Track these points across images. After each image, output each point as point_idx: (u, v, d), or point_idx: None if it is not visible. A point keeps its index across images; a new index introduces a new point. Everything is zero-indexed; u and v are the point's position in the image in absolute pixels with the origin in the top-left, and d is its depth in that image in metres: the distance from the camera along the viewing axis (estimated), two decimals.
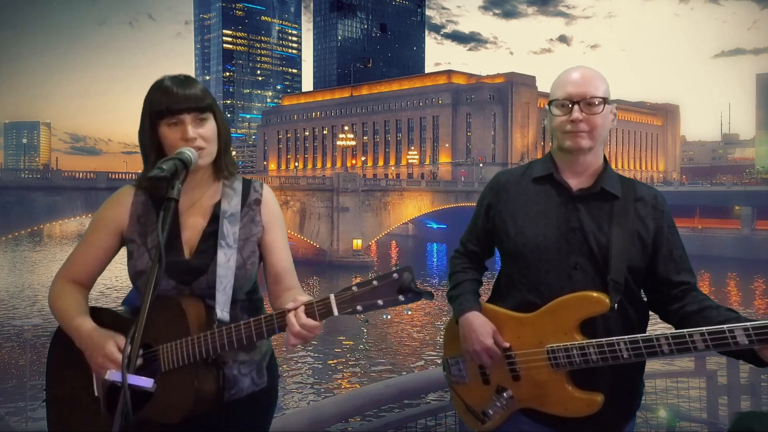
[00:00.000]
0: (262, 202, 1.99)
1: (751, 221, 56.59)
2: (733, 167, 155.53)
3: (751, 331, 1.73)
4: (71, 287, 1.95)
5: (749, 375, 3.84)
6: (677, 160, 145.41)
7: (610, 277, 1.96)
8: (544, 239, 2.03)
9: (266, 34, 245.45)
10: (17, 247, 71.20)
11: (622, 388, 2.03)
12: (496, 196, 2.18)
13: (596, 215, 2.03)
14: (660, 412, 3.30)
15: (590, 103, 2.00)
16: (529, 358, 2.03)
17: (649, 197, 2.08)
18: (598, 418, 1.96)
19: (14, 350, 25.82)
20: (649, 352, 1.85)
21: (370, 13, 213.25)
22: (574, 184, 2.07)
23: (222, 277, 1.85)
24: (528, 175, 2.15)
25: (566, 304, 1.98)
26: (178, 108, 1.82)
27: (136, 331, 1.62)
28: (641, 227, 2.03)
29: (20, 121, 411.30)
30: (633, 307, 2.03)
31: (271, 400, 2.06)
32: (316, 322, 1.66)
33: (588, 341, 1.93)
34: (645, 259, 2.03)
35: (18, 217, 40.73)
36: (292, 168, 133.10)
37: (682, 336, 1.80)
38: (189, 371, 1.78)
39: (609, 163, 2.14)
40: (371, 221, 57.39)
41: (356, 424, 3.13)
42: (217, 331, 1.77)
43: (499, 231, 2.14)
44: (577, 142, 2.02)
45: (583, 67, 2.07)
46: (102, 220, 1.97)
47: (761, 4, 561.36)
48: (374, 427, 2.98)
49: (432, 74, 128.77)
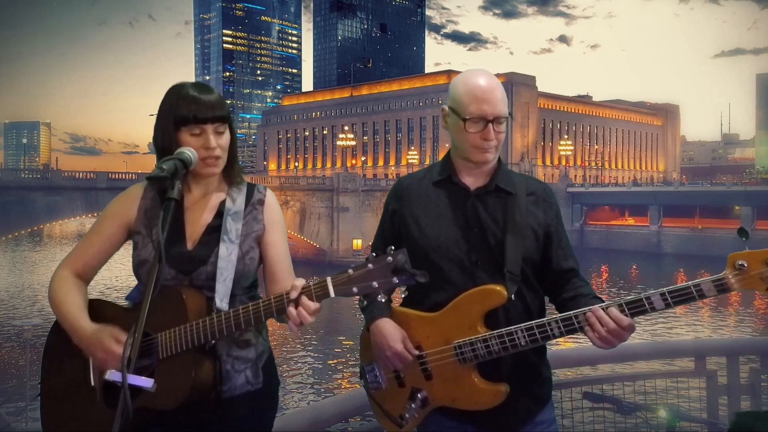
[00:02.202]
0: (265, 203, 2.07)
1: (751, 221, 56.53)
2: (733, 167, 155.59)
3: (581, 317, 1.94)
4: (74, 281, 1.99)
5: (749, 375, 3.85)
6: (677, 160, 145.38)
7: (506, 269, 2.07)
8: (445, 239, 2.13)
9: (266, 34, 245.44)
10: (17, 247, 71.21)
11: (526, 374, 2.12)
12: (399, 201, 2.27)
13: (492, 212, 2.15)
14: (660, 412, 3.29)
15: (501, 122, 2.12)
16: (438, 356, 2.09)
17: (539, 191, 2.21)
18: (509, 407, 2.05)
19: (14, 350, 25.82)
20: (543, 335, 1.98)
21: (370, 13, 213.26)
22: (471, 184, 2.18)
23: (223, 269, 1.92)
24: (428, 178, 2.25)
25: (468, 299, 2.06)
26: (203, 118, 1.90)
27: (137, 330, 1.62)
28: (533, 220, 2.15)
29: (20, 121, 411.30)
30: (531, 296, 2.14)
31: (268, 404, 2.06)
32: (314, 303, 1.72)
33: (490, 333, 2.02)
34: (539, 249, 2.15)
35: (18, 217, 40.76)
36: (292, 168, 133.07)
37: (569, 318, 1.95)
38: (186, 358, 1.82)
39: (502, 161, 2.25)
40: (371, 221, 57.36)
41: (356, 424, 3.13)
42: (216, 317, 1.82)
43: (404, 234, 2.21)
44: (487, 158, 2.14)
45: (488, 77, 2.15)
46: (112, 212, 2.04)
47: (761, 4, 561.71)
48: (374, 427, 2.97)
49: (432, 74, 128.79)
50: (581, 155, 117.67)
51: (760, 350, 3.97)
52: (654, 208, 61.35)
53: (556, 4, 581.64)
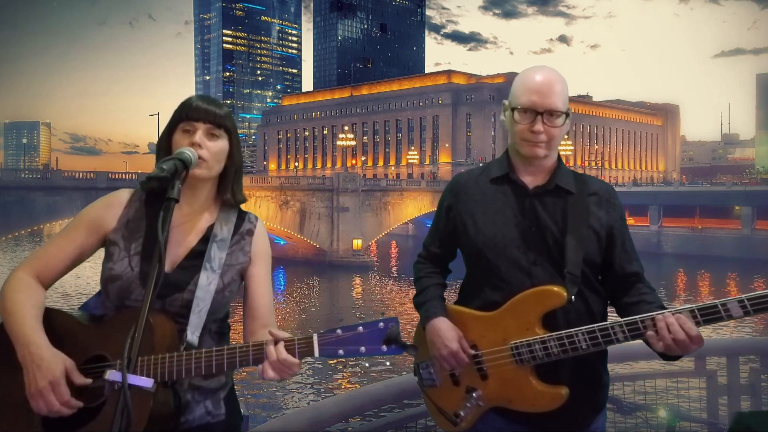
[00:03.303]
0: (254, 233, 1.98)
1: (751, 221, 56.50)
2: (733, 167, 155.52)
3: (648, 322, 1.87)
4: (32, 284, 1.82)
5: (749, 375, 3.84)
6: (677, 160, 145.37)
7: (566, 270, 2.01)
8: (502, 238, 2.08)
9: (266, 34, 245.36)
10: (17, 247, 71.17)
11: (586, 379, 2.07)
12: (455, 197, 2.23)
13: (552, 211, 2.09)
14: (660, 412, 3.29)
15: (552, 114, 2.04)
16: (494, 356, 2.06)
17: (602, 191, 2.15)
18: (566, 411, 2.00)
19: None
20: (606, 340, 1.91)
21: (370, 13, 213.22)
22: (530, 182, 2.13)
23: (200, 299, 1.82)
24: (486, 175, 2.20)
25: (526, 299, 2.02)
26: (195, 116, 1.86)
27: (137, 330, 1.60)
28: (595, 221, 2.09)
29: (20, 121, 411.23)
30: (592, 299, 2.08)
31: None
32: (295, 360, 1.64)
33: (549, 334, 1.98)
34: (600, 251, 2.09)
35: (18, 217, 40.73)
36: (292, 168, 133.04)
37: (635, 322, 1.88)
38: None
39: (562, 160, 2.20)
40: (371, 221, 57.35)
41: (356, 424, 3.13)
42: (185, 355, 1.70)
43: (460, 232, 2.19)
44: (535, 152, 2.08)
45: (547, 72, 2.09)
46: (88, 218, 1.91)
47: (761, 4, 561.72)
48: (374, 427, 2.98)
49: (432, 74, 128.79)
50: (581, 155, 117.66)
51: (760, 350, 3.96)
52: (654, 208, 61.35)
53: (556, 4, 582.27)
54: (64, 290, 34.47)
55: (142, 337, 1.60)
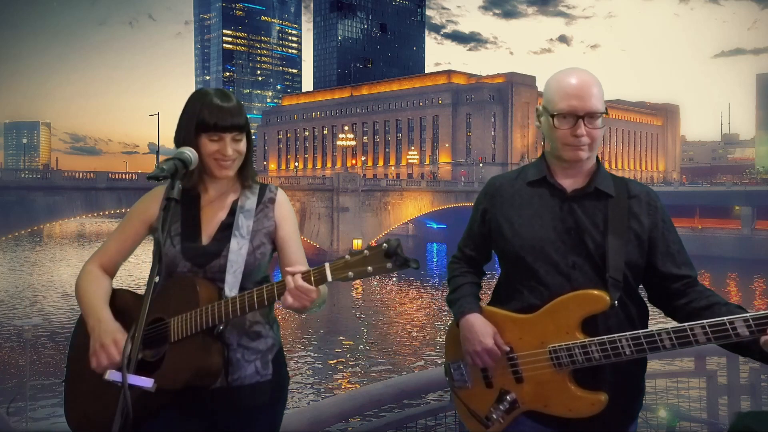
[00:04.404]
0: (276, 201, 2.19)
1: (751, 221, 56.56)
2: (733, 167, 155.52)
3: (752, 322, 1.72)
4: (99, 274, 2.14)
5: (749, 375, 3.85)
6: (677, 160, 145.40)
7: (608, 275, 1.97)
8: (540, 240, 2.05)
9: (266, 34, 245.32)
10: (17, 247, 71.18)
11: (625, 386, 2.03)
12: (491, 200, 2.20)
13: (591, 214, 2.05)
14: (660, 412, 3.30)
15: (592, 116, 2.02)
16: (531, 359, 2.03)
17: (642, 194, 2.11)
18: (603, 418, 1.96)
19: (14, 350, 25.80)
20: (651, 347, 1.84)
21: (370, 13, 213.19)
22: (568, 185, 2.10)
23: (233, 261, 2.04)
24: (522, 178, 2.18)
25: (567, 303, 1.98)
26: (223, 126, 2.02)
27: (137, 330, 1.63)
28: (636, 224, 2.05)
29: (20, 121, 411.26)
30: (633, 304, 2.05)
31: (277, 396, 2.12)
32: (311, 287, 1.82)
33: (590, 339, 1.93)
34: (642, 255, 2.04)
35: (18, 217, 40.72)
36: (292, 168, 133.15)
37: (683, 329, 1.79)
38: (196, 342, 1.92)
39: (602, 163, 2.16)
40: (371, 221, 57.38)
41: (356, 424, 3.13)
42: (223, 302, 1.92)
43: (496, 234, 2.16)
44: (579, 155, 2.06)
45: (582, 74, 2.07)
46: (136, 211, 2.18)
47: (761, 4, 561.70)
48: (374, 427, 2.98)
49: (432, 74, 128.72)
50: None
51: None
52: None
53: (556, 4, 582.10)
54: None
55: (188, 297, 1.94)
